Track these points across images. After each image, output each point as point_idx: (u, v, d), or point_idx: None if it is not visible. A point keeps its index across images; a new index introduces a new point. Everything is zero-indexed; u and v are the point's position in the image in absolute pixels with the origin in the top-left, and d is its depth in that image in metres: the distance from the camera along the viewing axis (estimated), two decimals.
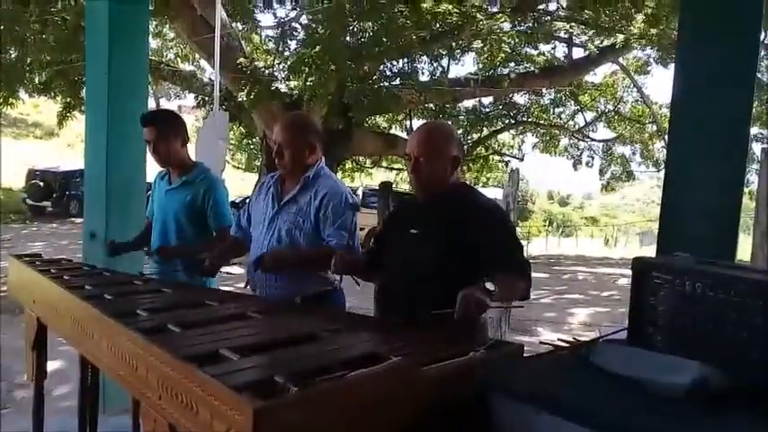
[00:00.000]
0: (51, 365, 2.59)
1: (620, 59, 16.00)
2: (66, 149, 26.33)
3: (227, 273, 2.81)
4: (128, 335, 1.59)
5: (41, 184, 18.96)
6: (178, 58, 16.19)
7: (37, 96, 16.42)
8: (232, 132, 16.22)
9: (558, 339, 1.67)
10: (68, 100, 13.81)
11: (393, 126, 19.17)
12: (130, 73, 3.91)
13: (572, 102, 17.98)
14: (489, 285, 1.80)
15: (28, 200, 19.24)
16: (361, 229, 13.79)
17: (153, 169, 3.58)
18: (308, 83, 11.88)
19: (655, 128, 17.44)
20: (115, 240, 3.10)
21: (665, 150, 17.42)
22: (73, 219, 18.44)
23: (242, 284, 3.01)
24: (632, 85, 17.19)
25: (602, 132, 19.32)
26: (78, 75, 12.55)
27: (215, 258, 2.68)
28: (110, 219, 3.72)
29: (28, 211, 19.33)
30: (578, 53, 15.50)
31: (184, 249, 2.91)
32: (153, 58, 13.22)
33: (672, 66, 14.49)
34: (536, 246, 21.44)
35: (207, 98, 15.74)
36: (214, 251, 2.73)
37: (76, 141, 25.94)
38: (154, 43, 15.12)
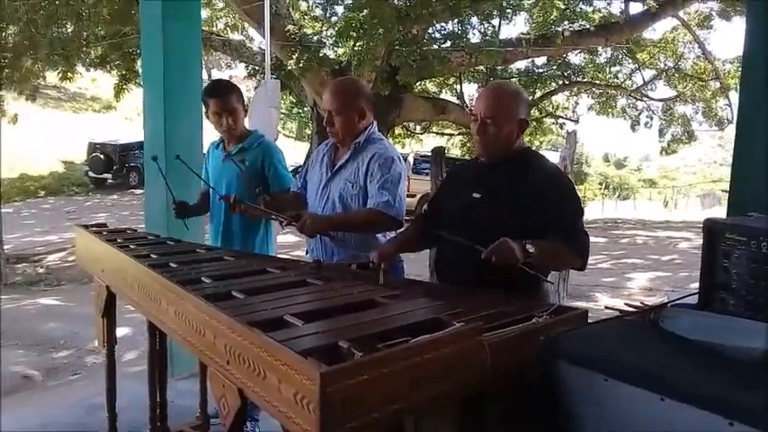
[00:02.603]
0: (119, 332, 2.69)
1: (681, 13, 15.28)
2: (124, 122, 27.01)
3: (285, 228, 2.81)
4: (194, 301, 1.63)
5: (102, 156, 19.54)
6: (228, 28, 16.28)
7: (94, 70, 16.83)
8: (282, 101, 16.31)
9: (625, 304, 1.63)
10: (124, 73, 14.11)
11: (443, 91, 18.91)
12: (185, 45, 3.95)
13: (629, 60, 17.30)
14: (529, 246, 1.79)
15: (89, 172, 19.87)
16: (413, 196, 13.86)
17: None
18: (355, 48, 11.81)
19: (718, 85, 16.70)
20: (180, 201, 3.11)
21: (728, 108, 16.72)
22: (133, 190, 19.02)
23: (301, 252, 3.04)
24: (694, 41, 16.41)
25: (662, 91, 18.57)
26: (133, 47, 12.80)
27: (282, 200, 2.71)
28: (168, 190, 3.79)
29: (90, 184, 20.00)
30: (636, 8, 14.85)
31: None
32: (203, 28, 13.32)
33: (735, 19, 13.87)
34: (592, 209, 21.00)
35: (257, 68, 15.88)
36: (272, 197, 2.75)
37: (133, 114, 26.58)
38: (204, 13, 15.22)
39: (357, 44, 11.71)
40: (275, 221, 2.80)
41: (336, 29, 12.82)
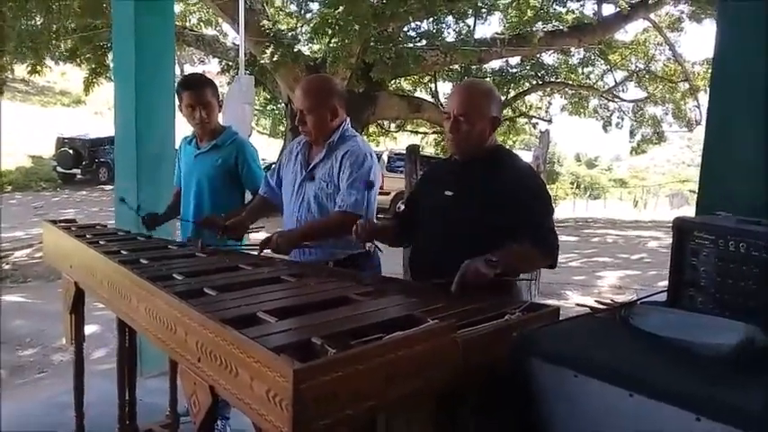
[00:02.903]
0: (87, 330, 2.64)
1: (652, 16, 15.55)
2: (94, 117, 26.56)
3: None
4: (165, 298, 1.61)
5: (71, 151, 19.16)
6: (201, 23, 16.12)
7: (63, 64, 16.54)
8: (256, 97, 16.19)
9: (595, 301, 1.64)
10: (94, 66, 13.88)
11: (418, 89, 18.95)
12: (157, 39, 3.89)
13: (602, 61, 17.55)
14: (492, 257, 1.79)
15: (58, 167, 19.48)
16: (387, 194, 13.87)
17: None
18: (330, 45, 11.77)
19: (687, 86, 17.01)
20: (149, 213, 3.09)
21: (697, 110, 17.03)
22: (102, 186, 18.71)
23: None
24: (664, 43, 16.70)
25: (633, 92, 18.86)
26: (104, 41, 12.60)
27: (239, 221, 2.67)
28: (141, 186, 3.74)
29: (58, 179, 19.62)
30: (608, 9, 15.10)
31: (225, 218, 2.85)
32: (176, 23, 13.15)
33: (706, 22, 14.11)
34: (564, 209, 21.25)
35: (231, 63, 15.74)
36: (240, 213, 2.73)
37: (104, 109, 26.16)
38: (177, 8, 15.04)
39: (332, 41, 11.67)
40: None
41: (311, 25, 12.77)
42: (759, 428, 1.02)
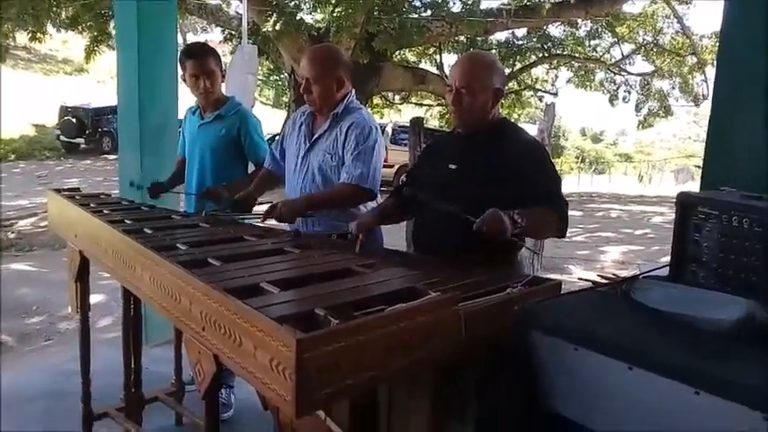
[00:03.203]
0: (92, 299, 2.66)
1: None
2: (97, 85, 26.43)
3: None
4: (170, 268, 1.62)
5: (74, 120, 19.12)
6: None
7: (65, 32, 16.40)
8: (259, 68, 16.07)
9: (598, 275, 1.65)
10: (95, 34, 13.76)
11: (423, 60, 18.77)
12: (159, 6, 3.86)
13: (609, 34, 17.31)
14: (516, 216, 1.79)
15: (61, 136, 19.45)
16: (391, 166, 13.84)
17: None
18: (333, 14, 11.63)
19: (695, 60, 16.82)
20: (153, 182, 3.09)
21: (704, 84, 16.86)
22: (106, 155, 18.70)
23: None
24: (672, 16, 16.47)
25: (640, 66, 18.71)
26: (105, 8, 12.47)
27: (247, 194, 2.68)
28: (144, 156, 3.75)
29: (62, 148, 19.60)
30: None
31: (227, 188, 2.86)
32: None
33: None
34: (568, 183, 21.19)
35: (233, 32, 15.58)
36: (244, 185, 2.73)
37: (106, 77, 26.02)
38: None
39: (336, 10, 11.54)
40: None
41: None
42: (759, 403, 1.03)
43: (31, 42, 13.64)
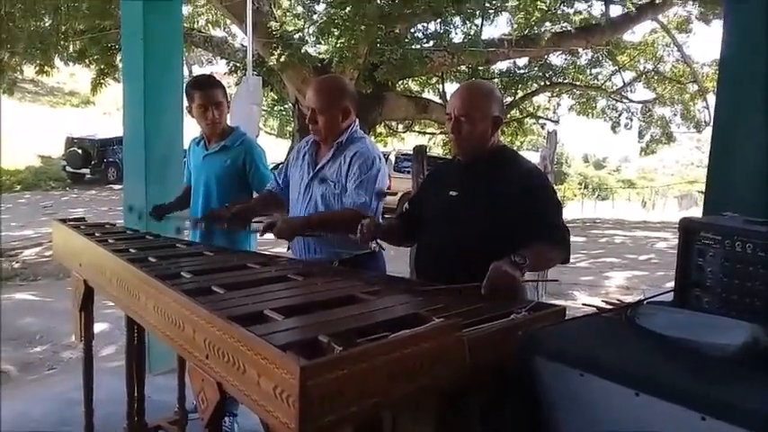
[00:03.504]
0: (96, 328, 2.66)
1: (660, 17, 15.49)
2: (103, 117, 26.70)
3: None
4: (174, 296, 1.62)
5: (80, 151, 19.28)
6: (209, 24, 16.17)
7: (72, 65, 16.64)
8: (264, 98, 16.23)
9: (602, 301, 1.65)
10: (102, 67, 13.96)
11: (426, 90, 18.95)
12: (165, 40, 3.92)
13: (610, 62, 17.49)
14: (518, 258, 1.79)
15: (67, 167, 19.59)
16: (394, 194, 13.88)
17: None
18: (337, 45, 11.77)
19: (696, 88, 16.94)
20: (156, 204, 3.12)
21: (705, 111, 16.95)
22: (111, 185, 18.80)
23: (282, 249, 3.04)
24: (672, 44, 16.64)
25: (641, 93, 18.86)
26: (112, 42, 12.67)
27: (245, 208, 2.69)
28: (149, 186, 3.77)
29: (67, 179, 19.73)
30: (616, 11, 15.03)
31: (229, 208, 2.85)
32: (185, 24, 13.21)
33: (714, 23, 14.06)
34: (571, 209, 21.18)
35: (238, 64, 15.78)
36: (246, 204, 2.74)
37: (112, 109, 26.29)
38: (185, 9, 15.10)
39: (339, 41, 11.68)
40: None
41: (318, 24, 12.77)
42: (764, 428, 1.02)
43: (38, 76, 13.83)
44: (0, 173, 13.37)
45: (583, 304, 1.71)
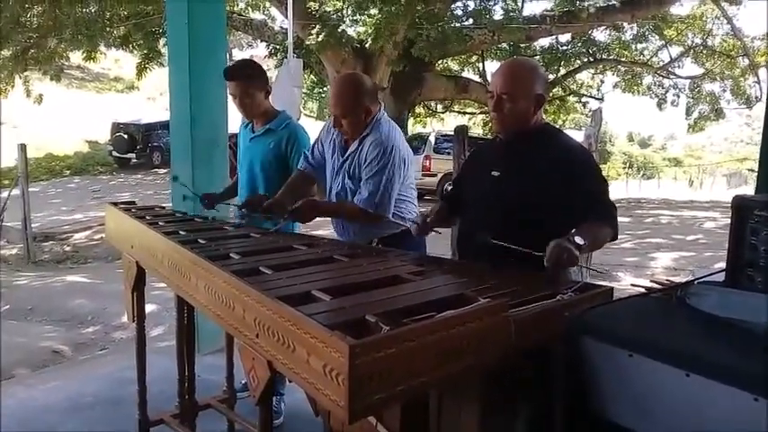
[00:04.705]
0: (146, 309, 2.73)
1: None
2: (147, 102, 27.22)
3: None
4: (224, 277, 1.65)
5: (125, 136, 19.69)
6: (249, 8, 16.27)
7: (117, 50, 16.97)
8: (303, 81, 16.31)
9: (650, 281, 1.62)
10: (146, 52, 14.21)
11: (465, 69, 18.75)
12: (209, 24, 3.96)
13: (656, 36, 17.01)
14: (578, 239, 1.76)
15: (113, 152, 20.06)
16: (434, 175, 13.84)
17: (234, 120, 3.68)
18: (374, 22, 11.71)
19: (746, 62, 16.35)
20: (207, 193, 3.17)
21: (756, 86, 16.38)
22: (156, 170, 19.20)
23: (323, 231, 3.07)
24: (722, 17, 16.06)
25: (689, 69, 18.23)
26: (155, 27, 12.87)
27: (277, 200, 2.72)
28: (195, 169, 3.83)
29: (114, 163, 20.22)
30: None
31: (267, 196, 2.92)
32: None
33: None
34: (616, 189, 20.76)
35: (278, 47, 15.87)
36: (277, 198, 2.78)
37: (156, 94, 26.78)
38: None
39: (376, 18, 11.62)
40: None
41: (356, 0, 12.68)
42: None
43: (85, 62, 14.15)
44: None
45: (631, 284, 1.68)
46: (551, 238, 1.75)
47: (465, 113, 21.22)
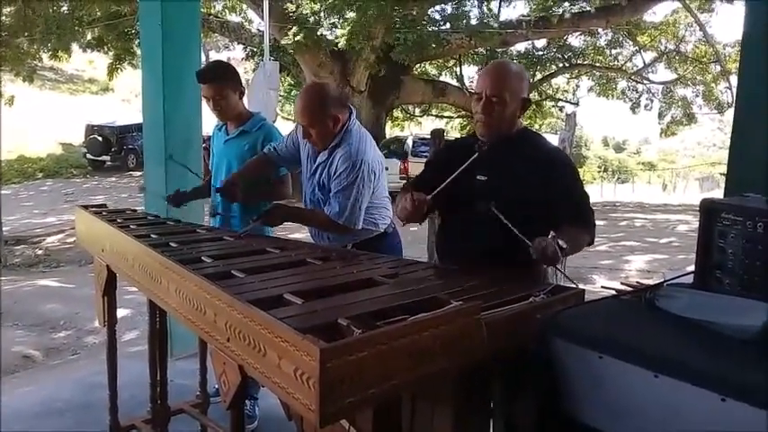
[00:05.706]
0: (119, 313, 2.70)
1: None
2: (122, 104, 26.91)
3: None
4: (195, 280, 1.64)
5: (100, 138, 19.46)
6: (226, 10, 16.19)
7: (91, 52, 16.77)
8: (280, 83, 16.26)
9: (622, 284, 1.64)
10: (118, 53, 14.06)
11: (443, 73, 18.84)
12: (183, 25, 3.92)
13: (630, 42, 17.26)
14: (560, 242, 1.77)
15: (87, 155, 19.81)
16: (410, 178, 13.92)
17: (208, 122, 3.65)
18: (350, 25, 11.70)
19: (718, 68, 16.66)
20: (177, 191, 3.13)
21: (728, 92, 16.67)
22: (131, 172, 18.98)
23: (299, 235, 3.06)
24: (695, 24, 16.34)
25: (662, 74, 18.59)
26: (129, 27, 12.74)
27: (230, 179, 2.77)
28: (168, 172, 3.79)
29: (88, 166, 19.95)
30: None
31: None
32: (201, 9, 13.24)
33: (737, 2, 13.77)
34: (591, 192, 20.84)
35: (255, 49, 15.80)
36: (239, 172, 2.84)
37: (131, 96, 26.47)
38: None
39: (352, 21, 11.62)
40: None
41: (330, 2, 12.64)
42: None
43: (51, 60, 13.97)
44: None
45: (602, 287, 1.70)
46: (537, 236, 1.78)
47: (442, 117, 21.31)
